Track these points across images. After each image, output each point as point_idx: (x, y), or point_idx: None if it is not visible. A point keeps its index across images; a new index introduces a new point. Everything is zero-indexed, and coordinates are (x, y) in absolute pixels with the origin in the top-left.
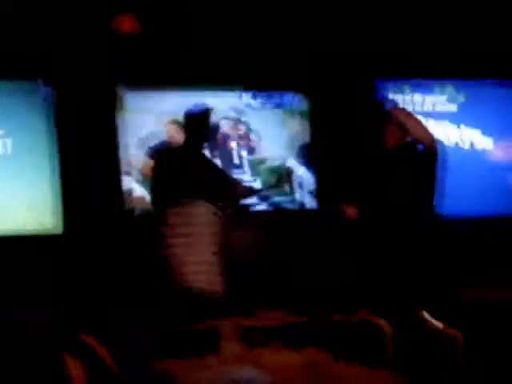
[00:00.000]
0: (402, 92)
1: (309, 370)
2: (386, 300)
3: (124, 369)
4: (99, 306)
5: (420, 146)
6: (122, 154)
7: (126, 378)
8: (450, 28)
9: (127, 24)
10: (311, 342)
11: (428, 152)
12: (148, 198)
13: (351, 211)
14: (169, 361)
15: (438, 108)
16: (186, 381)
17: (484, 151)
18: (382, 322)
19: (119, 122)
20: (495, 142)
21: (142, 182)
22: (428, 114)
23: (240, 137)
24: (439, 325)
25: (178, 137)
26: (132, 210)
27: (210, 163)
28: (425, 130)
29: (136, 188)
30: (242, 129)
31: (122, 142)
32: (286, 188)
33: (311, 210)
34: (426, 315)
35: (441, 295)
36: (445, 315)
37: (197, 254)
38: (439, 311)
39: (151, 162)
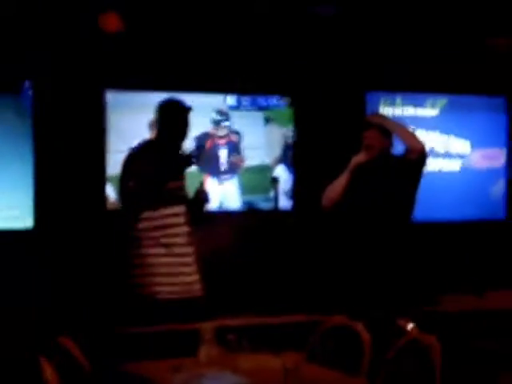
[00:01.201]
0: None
1: (286, 373)
2: (364, 305)
3: (98, 370)
4: (73, 307)
5: (408, 154)
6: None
7: (101, 380)
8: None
9: (112, 23)
10: (289, 346)
11: (416, 159)
12: None
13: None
14: (145, 362)
15: (420, 114)
16: (162, 382)
17: (463, 158)
18: (360, 327)
19: (102, 121)
20: (474, 148)
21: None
22: (410, 120)
23: (222, 138)
24: (417, 332)
25: None
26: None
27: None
28: (414, 137)
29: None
30: (225, 130)
31: (106, 143)
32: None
33: (288, 212)
34: (404, 322)
35: (419, 301)
36: (423, 322)
37: (175, 265)
38: (417, 318)
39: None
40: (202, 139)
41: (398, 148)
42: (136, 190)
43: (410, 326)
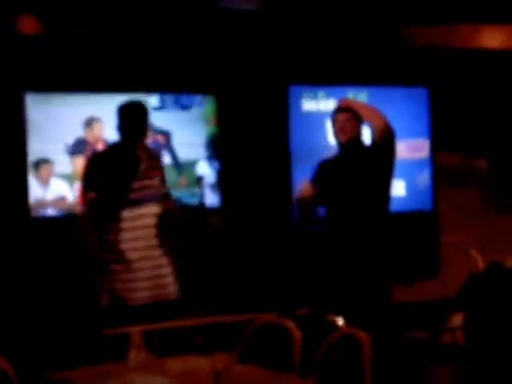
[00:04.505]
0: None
1: (216, 375)
2: (294, 302)
3: (25, 378)
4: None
5: (373, 137)
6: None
7: None
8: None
9: (29, 25)
10: (220, 346)
11: (381, 140)
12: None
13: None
14: (74, 369)
15: None
16: None
17: None
18: (290, 325)
19: (22, 124)
20: (400, 141)
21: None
22: None
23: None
24: (346, 327)
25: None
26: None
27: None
28: (375, 114)
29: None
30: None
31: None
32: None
33: (213, 207)
34: (335, 317)
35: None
36: (353, 316)
37: (149, 268)
38: (347, 312)
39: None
40: None
41: None
42: (97, 201)
43: (340, 321)
